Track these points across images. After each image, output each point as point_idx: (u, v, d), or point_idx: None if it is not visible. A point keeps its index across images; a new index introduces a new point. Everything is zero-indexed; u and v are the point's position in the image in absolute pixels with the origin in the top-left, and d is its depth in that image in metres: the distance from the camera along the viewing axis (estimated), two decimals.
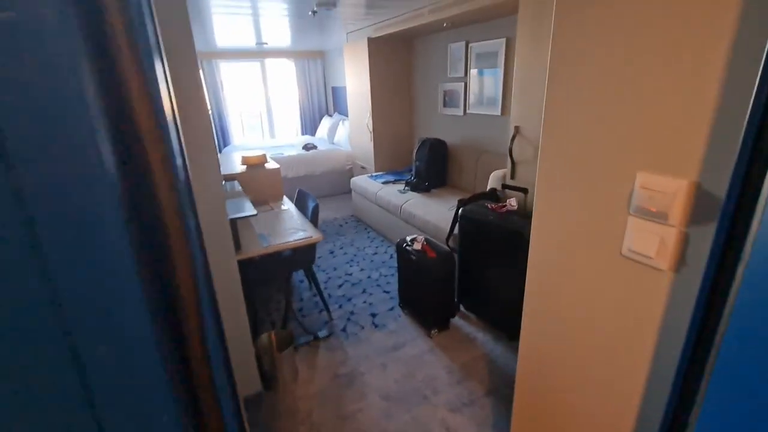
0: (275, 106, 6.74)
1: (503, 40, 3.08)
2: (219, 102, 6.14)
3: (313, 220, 2.37)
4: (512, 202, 2.22)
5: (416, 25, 3.32)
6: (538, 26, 2.17)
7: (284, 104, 6.85)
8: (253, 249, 1.99)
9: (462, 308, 2.58)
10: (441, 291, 2.30)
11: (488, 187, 2.84)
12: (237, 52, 6.02)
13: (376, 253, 3.50)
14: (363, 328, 2.43)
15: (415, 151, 3.80)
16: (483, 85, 3.39)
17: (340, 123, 5.77)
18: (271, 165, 2.98)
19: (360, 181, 4.16)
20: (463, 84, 3.62)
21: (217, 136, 6.21)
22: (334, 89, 6.50)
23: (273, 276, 2.41)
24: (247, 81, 6.55)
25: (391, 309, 2.62)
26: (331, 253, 3.55)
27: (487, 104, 3.40)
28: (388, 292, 2.83)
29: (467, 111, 3.67)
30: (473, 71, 3.46)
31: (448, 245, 2.73)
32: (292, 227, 2.29)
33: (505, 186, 2.32)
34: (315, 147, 5.29)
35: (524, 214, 2.18)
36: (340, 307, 2.67)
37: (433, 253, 2.23)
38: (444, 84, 3.88)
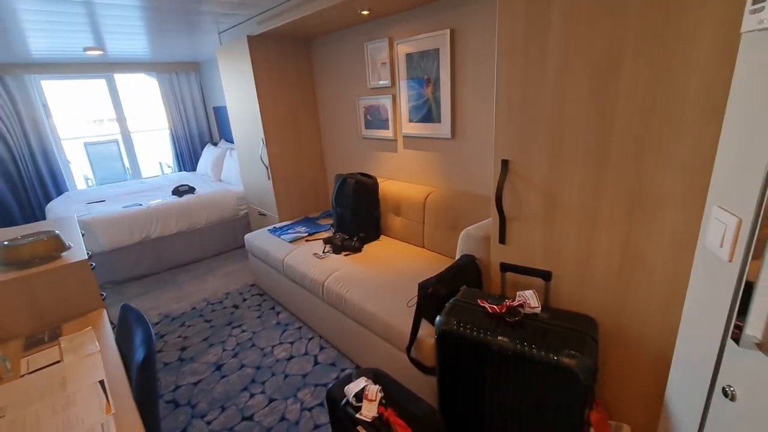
0: (137, 136, 5.05)
1: (446, 33, 2.16)
2: (42, 134, 4.29)
3: (142, 384, 1.08)
4: (531, 301, 1.23)
5: (316, 11, 2.23)
6: None
7: (151, 133, 5.19)
8: None
9: None
10: None
11: (458, 253, 1.84)
12: (69, 63, 4.28)
13: (291, 357, 2.27)
14: None
15: (333, 194, 2.68)
16: (420, 97, 2.43)
17: (228, 153, 4.40)
18: (73, 254, 1.60)
19: (257, 240, 2.87)
20: (391, 97, 2.63)
21: (36, 183, 4.31)
22: (216, 111, 5.08)
23: None
24: (92, 103, 4.79)
25: None
26: (218, 369, 2.21)
27: (428, 123, 2.44)
28: None
29: (401, 132, 2.68)
30: (403, 80, 2.49)
31: (410, 357, 1.66)
32: (88, 426, 0.98)
33: (507, 267, 1.33)
34: (191, 190, 3.84)
35: (551, 323, 1.20)
36: None
37: (407, 428, 1.11)
38: (363, 98, 2.85)
